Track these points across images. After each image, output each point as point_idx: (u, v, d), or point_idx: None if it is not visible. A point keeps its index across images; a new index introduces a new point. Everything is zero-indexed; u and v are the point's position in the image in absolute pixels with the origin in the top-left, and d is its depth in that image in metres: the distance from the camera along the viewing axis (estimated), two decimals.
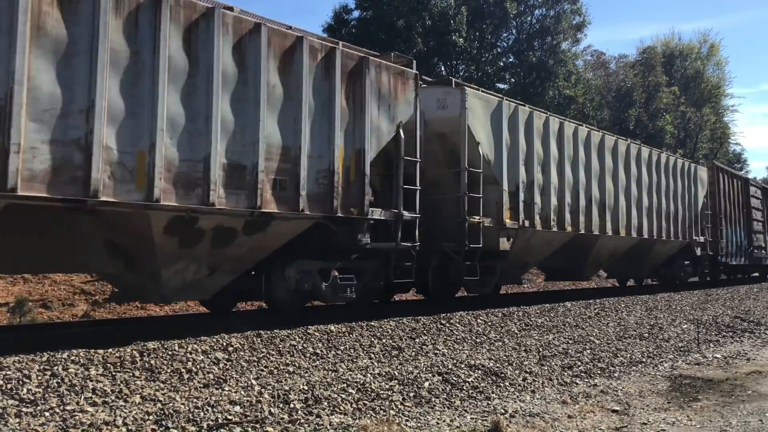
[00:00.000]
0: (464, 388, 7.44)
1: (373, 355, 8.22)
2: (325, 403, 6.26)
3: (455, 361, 8.22)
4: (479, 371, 8.02)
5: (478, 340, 9.71)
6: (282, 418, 5.79)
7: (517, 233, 12.94)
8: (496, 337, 10.05)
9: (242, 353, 7.31)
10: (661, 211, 18.71)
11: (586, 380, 8.56)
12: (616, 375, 8.99)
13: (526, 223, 13.12)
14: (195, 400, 5.83)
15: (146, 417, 5.35)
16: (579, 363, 9.23)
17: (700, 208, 21.43)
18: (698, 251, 21.21)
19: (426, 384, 7.26)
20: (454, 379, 7.59)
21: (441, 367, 7.87)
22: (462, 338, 9.65)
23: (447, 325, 10.02)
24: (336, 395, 6.46)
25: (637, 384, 8.49)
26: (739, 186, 26.06)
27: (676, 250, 20.30)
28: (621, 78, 48.47)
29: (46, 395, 5.55)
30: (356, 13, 34.56)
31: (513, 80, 37.25)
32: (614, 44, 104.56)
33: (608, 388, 8.14)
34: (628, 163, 17.05)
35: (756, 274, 31.10)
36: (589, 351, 9.94)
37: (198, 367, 6.72)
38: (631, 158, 17.21)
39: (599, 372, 9.02)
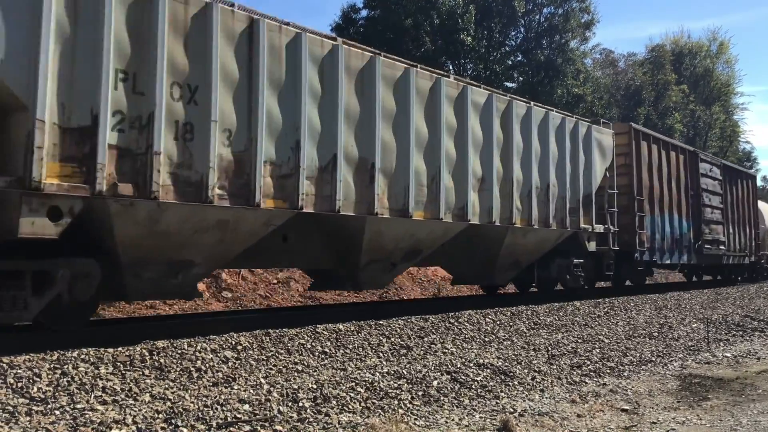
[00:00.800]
0: (473, 387, 7.43)
1: (381, 354, 8.22)
2: (334, 402, 6.27)
3: (464, 360, 8.22)
4: (488, 370, 8.01)
5: (486, 339, 9.70)
6: (291, 417, 5.80)
7: (98, 206, 7.03)
8: (504, 336, 10.04)
9: (251, 352, 7.33)
10: (511, 186, 12.32)
11: (595, 379, 8.54)
12: (625, 374, 8.96)
13: (126, 190, 7.12)
14: (204, 399, 5.85)
15: (156, 415, 5.37)
16: (588, 362, 9.20)
17: (598, 185, 14.97)
18: (591, 245, 14.86)
19: (434, 383, 7.26)
20: (463, 377, 7.59)
21: (449, 366, 7.86)
22: (470, 337, 9.64)
23: (455, 324, 10.02)
24: (345, 394, 6.47)
25: (647, 383, 8.46)
26: (680, 160, 19.73)
27: (552, 243, 13.97)
28: (630, 76, 48.37)
29: (57, 394, 5.58)
30: (364, 12, 34.63)
31: (521, 79, 37.20)
32: (623, 42, 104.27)
33: (618, 387, 8.11)
34: (437, 109, 10.78)
35: (719, 277, 24.92)
36: (598, 350, 9.91)
37: (207, 365, 6.74)
38: (443, 100, 10.88)
39: (608, 371, 9.00)
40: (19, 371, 5.77)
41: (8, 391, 5.47)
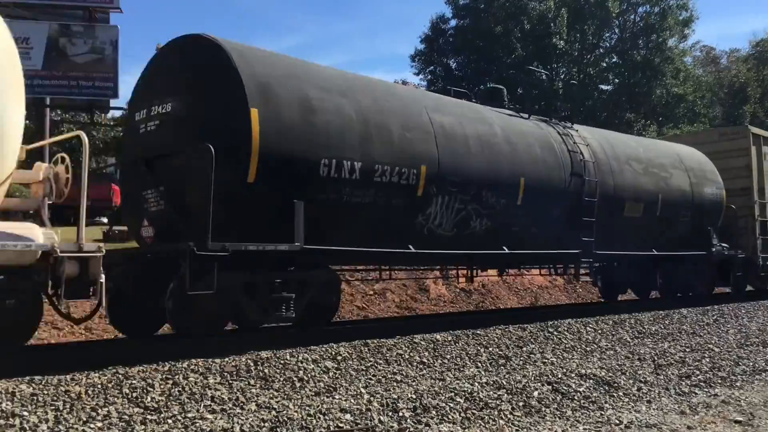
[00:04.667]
0: (575, 397, 7.28)
1: (479, 364, 8.18)
2: (434, 412, 6.28)
3: (565, 370, 8.06)
4: (590, 380, 7.82)
5: (588, 349, 9.48)
6: (391, 427, 5.85)
7: None
8: (607, 345, 9.78)
9: (351, 362, 7.43)
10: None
11: (705, 390, 8.19)
12: (738, 384, 8.56)
13: None
14: (307, 408, 5.98)
15: (262, 424, 5.54)
16: (697, 372, 8.84)
17: None
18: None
19: (535, 393, 7.15)
20: (565, 388, 7.44)
21: (550, 376, 7.73)
22: (571, 347, 9.44)
23: (555, 333, 9.84)
24: (444, 404, 6.47)
25: (762, 393, 8.04)
26: None
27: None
28: (733, 73, 46.31)
29: (169, 403, 5.84)
30: (453, 22, 34.70)
31: (617, 81, 36.26)
32: (725, 38, 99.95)
33: (730, 397, 7.76)
34: None
35: None
36: (708, 359, 9.51)
37: (309, 375, 6.89)
38: None
39: (720, 381, 8.61)
40: (133, 381, 6.07)
41: (124, 401, 5.77)
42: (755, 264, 16.58)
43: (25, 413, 5.25)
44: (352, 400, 6.33)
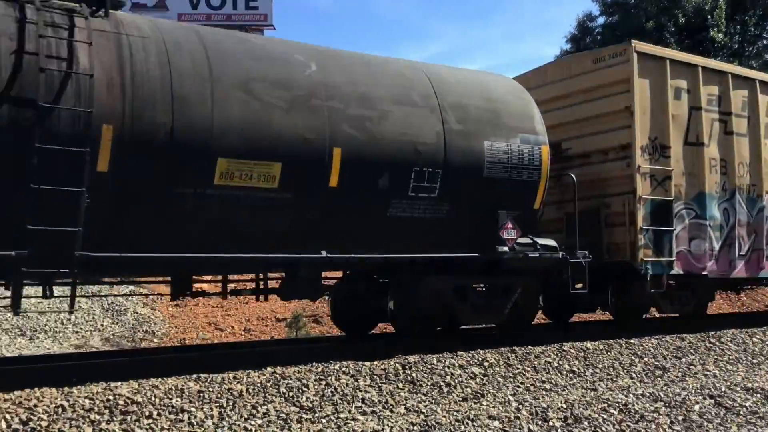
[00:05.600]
0: (741, 413, 6.83)
1: (634, 375, 7.86)
2: (586, 423, 6.11)
3: (729, 384, 7.59)
4: (758, 395, 7.32)
5: (755, 361, 8.87)
6: None
7: None
8: None
9: (497, 369, 7.38)
10: None
11: None
12: None
13: None
14: (455, 414, 6.01)
15: (411, 427, 5.63)
16: None
17: None
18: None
19: (696, 407, 6.79)
20: (729, 402, 7.01)
21: (712, 390, 7.31)
22: (735, 358, 8.87)
23: (717, 343, 9.28)
24: (596, 415, 6.28)
25: None
26: None
27: None
28: None
29: (322, 403, 6.06)
30: (601, 20, 33.59)
31: None
32: None
33: None
34: None
35: None
36: None
37: (456, 381, 6.91)
38: None
39: None
40: (290, 381, 6.35)
41: (281, 400, 6.05)
42: (637, 273, 9.70)
43: (193, 409, 5.64)
44: (500, 408, 6.29)
